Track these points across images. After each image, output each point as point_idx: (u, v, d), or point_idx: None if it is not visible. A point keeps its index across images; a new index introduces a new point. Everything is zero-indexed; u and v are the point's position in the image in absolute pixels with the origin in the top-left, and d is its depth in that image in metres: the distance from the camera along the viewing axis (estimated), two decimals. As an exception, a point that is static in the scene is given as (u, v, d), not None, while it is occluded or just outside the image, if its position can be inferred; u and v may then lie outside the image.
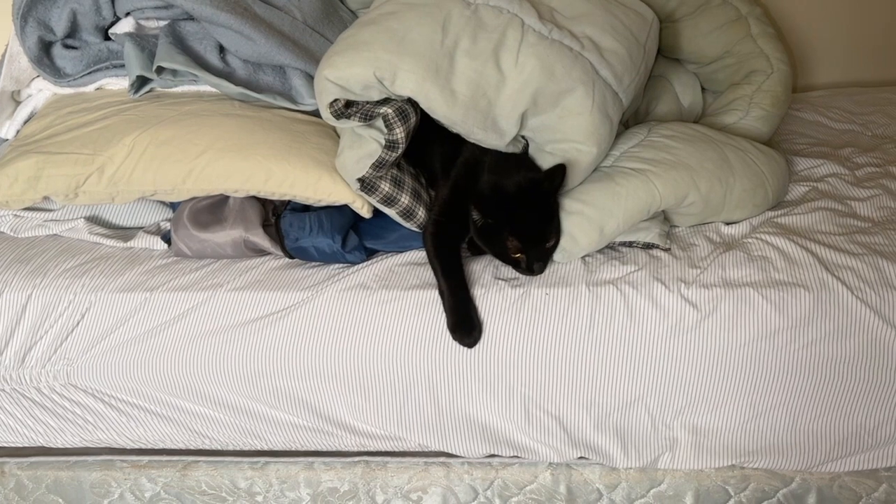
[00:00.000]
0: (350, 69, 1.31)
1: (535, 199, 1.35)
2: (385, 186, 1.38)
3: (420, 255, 1.45)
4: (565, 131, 1.37)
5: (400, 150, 1.35)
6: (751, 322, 1.32)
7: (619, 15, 1.46)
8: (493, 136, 1.37)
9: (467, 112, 1.33)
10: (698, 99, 1.80)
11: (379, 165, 1.36)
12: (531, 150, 1.43)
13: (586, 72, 1.37)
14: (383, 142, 1.35)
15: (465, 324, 1.32)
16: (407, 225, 1.43)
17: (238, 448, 1.46)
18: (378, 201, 1.39)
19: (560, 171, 1.34)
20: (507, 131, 1.37)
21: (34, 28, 1.54)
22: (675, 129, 1.54)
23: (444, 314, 1.33)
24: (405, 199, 1.40)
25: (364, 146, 1.37)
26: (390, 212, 1.41)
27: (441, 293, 1.34)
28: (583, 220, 1.38)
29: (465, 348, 1.33)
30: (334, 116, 1.35)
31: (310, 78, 1.54)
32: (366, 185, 1.38)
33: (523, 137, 1.43)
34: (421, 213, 1.41)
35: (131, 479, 1.49)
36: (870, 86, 2.14)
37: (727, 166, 1.47)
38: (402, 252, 1.47)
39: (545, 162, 1.40)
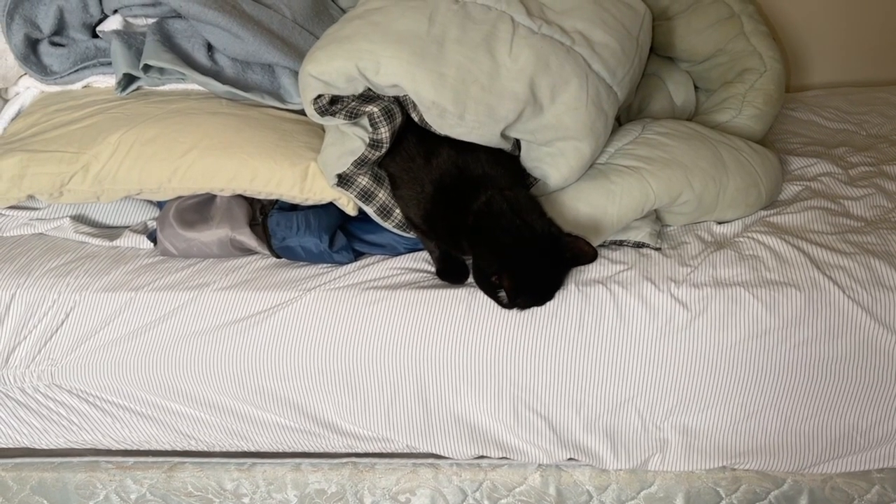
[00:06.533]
0: (331, 63, 1.29)
1: (557, 272, 1.29)
2: (363, 181, 1.37)
3: (407, 256, 1.44)
4: (565, 128, 1.35)
5: (383, 150, 1.34)
6: (742, 322, 1.30)
7: (610, 8, 1.44)
8: (487, 126, 1.33)
9: (458, 96, 1.29)
10: (691, 97, 1.79)
11: (360, 163, 1.34)
12: (525, 149, 1.41)
13: (579, 65, 1.35)
14: (367, 140, 1.33)
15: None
16: (385, 224, 1.41)
17: (224, 449, 1.45)
18: (356, 195, 1.38)
19: (589, 255, 1.26)
20: (504, 118, 1.32)
21: (20, 25, 1.53)
22: (669, 127, 1.53)
23: (432, 314, 1.33)
24: (382, 196, 1.38)
25: (347, 143, 1.35)
26: (368, 209, 1.39)
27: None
28: (577, 219, 1.37)
29: (457, 337, 1.33)
30: (318, 113, 1.34)
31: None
32: (343, 179, 1.36)
33: (516, 140, 1.42)
34: (398, 212, 1.40)
35: (116, 480, 1.48)
36: (865, 86, 2.14)
37: (721, 165, 1.46)
38: (389, 253, 1.45)
39: (543, 162, 1.39)
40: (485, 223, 1.26)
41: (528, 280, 1.25)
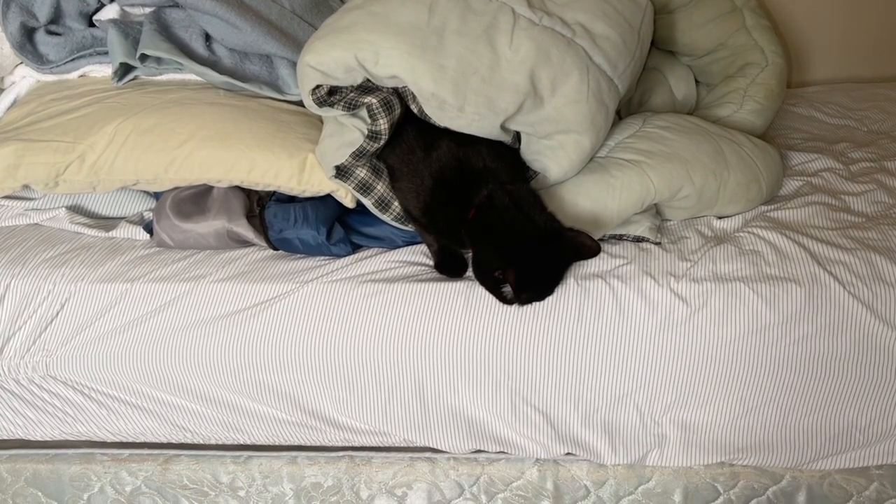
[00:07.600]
0: (330, 53, 1.28)
1: (560, 267, 1.29)
2: (361, 173, 1.36)
3: (405, 249, 1.43)
4: (565, 120, 1.34)
5: (382, 142, 1.32)
6: (741, 317, 1.30)
7: (612, 1, 1.43)
8: (487, 119, 1.31)
9: (458, 87, 1.28)
10: (692, 92, 1.78)
11: (359, 155, 1.33)
12: (525, 142, 1.40)
13: (580, 58, 1.34)
14: (366, 132, 1.32)
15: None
16: (383, 217, 1.40)
17: (220, 442, 1.44)
18: (354, 187, 1.37)
19: (592, 250, 1.26)
20: (503, 110, 1.31)
21: (17, 13, 1.52)
22: (670, 121, 1.52)
23: (430, 307, 1.32)
24: (381, 188, 1.37)
25: (346, 135, 1.34)
26: (366, 201, 1.38)
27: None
28: (577, 213, 1.36)
29: (455, 331, 1.32)
30: (317, 104, 1.33)
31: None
32: (342, 171, 1.35)
33: (517, 133, 1.41)
34: (396, 204, 1.39)
35: (111, 472, 1.47)
36: (866, 82, 2.13)
37: (722, 160, 1.45)
38: (387, 246, 1.44)
39: (543, 155, 1.38)
40: (487, 218, 1.25)
41: (531, 276, 1.24)
